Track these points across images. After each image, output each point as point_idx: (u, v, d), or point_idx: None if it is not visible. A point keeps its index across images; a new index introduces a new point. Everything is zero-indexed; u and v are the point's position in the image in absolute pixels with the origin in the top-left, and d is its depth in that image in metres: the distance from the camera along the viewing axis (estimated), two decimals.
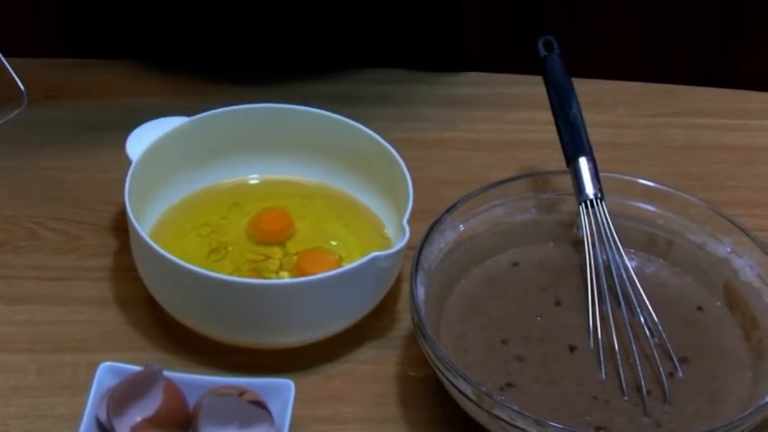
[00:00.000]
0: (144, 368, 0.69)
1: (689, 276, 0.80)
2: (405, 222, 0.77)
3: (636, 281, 0.77)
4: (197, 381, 0.70)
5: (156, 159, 0.82)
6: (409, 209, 0.78)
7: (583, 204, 0.79)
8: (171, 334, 0.78)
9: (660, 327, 0.75)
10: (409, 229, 0.76)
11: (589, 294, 0.77)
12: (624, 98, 1.04)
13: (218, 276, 0.73)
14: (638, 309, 0.76)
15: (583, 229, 0.79)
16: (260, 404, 0.68)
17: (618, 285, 0.77)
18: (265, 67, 1.02)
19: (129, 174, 0.79)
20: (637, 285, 0.77)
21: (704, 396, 0.72)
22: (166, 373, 0.68)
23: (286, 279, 0.79)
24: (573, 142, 0.81)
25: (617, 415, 0.71)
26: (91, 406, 0.68)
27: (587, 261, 0.78)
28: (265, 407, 0.68)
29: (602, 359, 0.74)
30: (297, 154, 0.87)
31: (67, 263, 0.84)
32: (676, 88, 1.05)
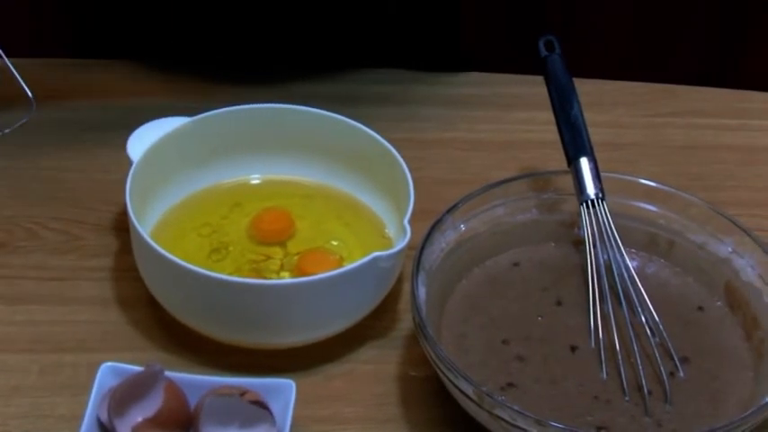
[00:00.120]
0: (145, 368, 0.68)
1: (690, 276, 0.80)
2: (406, 222, 0.76)
3: (637, 281, 0.77)
4: (198, 381, 0.70)
5: (157, 159, 0.82)
6: (410, 209, 0.78)
7: (584, 204, 0.79)
8: (172, 334, 0.78)
9: (661, 327, 0.75)
10: (410, 229, 0.76)
11: (590, 294, 0.77)
12: (624, 98, 1.04)
13: (218, 276, 0.73)
14: (639, 309, 0.76)
15: (584, 229, 0.79)
16: (261, 404, 0.68)
17: (619, 285, 0.77)
18: (265, 67, 1.02)
19: (131, 174, 0.79)
20: (638, 285, 0.77)
21: (705, 396, 0.72)
22: (167, 374, 0.68)
23: (287, 279, 0.79)
24: (574, 142, 0.81)
25: (618, 415, 0.71)
26: (92, 406, 0.68)
27: (588, 261, 0.78)
28: (266, 407, 0.68)
29: (603, 359, 0.74)
30: (297, 154, 0.87)
31: (68, 263, 0.84)
32: (676, 88, 1.05)
